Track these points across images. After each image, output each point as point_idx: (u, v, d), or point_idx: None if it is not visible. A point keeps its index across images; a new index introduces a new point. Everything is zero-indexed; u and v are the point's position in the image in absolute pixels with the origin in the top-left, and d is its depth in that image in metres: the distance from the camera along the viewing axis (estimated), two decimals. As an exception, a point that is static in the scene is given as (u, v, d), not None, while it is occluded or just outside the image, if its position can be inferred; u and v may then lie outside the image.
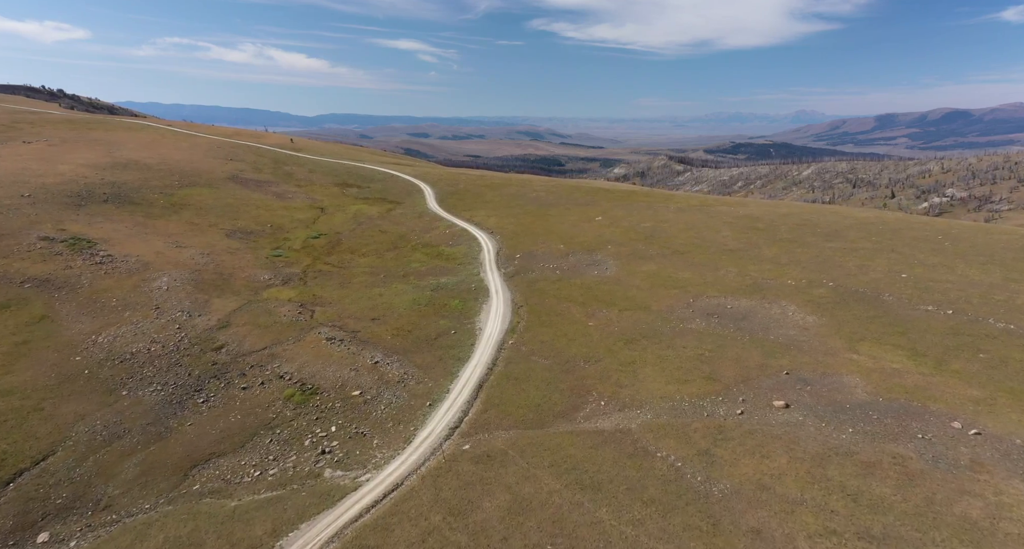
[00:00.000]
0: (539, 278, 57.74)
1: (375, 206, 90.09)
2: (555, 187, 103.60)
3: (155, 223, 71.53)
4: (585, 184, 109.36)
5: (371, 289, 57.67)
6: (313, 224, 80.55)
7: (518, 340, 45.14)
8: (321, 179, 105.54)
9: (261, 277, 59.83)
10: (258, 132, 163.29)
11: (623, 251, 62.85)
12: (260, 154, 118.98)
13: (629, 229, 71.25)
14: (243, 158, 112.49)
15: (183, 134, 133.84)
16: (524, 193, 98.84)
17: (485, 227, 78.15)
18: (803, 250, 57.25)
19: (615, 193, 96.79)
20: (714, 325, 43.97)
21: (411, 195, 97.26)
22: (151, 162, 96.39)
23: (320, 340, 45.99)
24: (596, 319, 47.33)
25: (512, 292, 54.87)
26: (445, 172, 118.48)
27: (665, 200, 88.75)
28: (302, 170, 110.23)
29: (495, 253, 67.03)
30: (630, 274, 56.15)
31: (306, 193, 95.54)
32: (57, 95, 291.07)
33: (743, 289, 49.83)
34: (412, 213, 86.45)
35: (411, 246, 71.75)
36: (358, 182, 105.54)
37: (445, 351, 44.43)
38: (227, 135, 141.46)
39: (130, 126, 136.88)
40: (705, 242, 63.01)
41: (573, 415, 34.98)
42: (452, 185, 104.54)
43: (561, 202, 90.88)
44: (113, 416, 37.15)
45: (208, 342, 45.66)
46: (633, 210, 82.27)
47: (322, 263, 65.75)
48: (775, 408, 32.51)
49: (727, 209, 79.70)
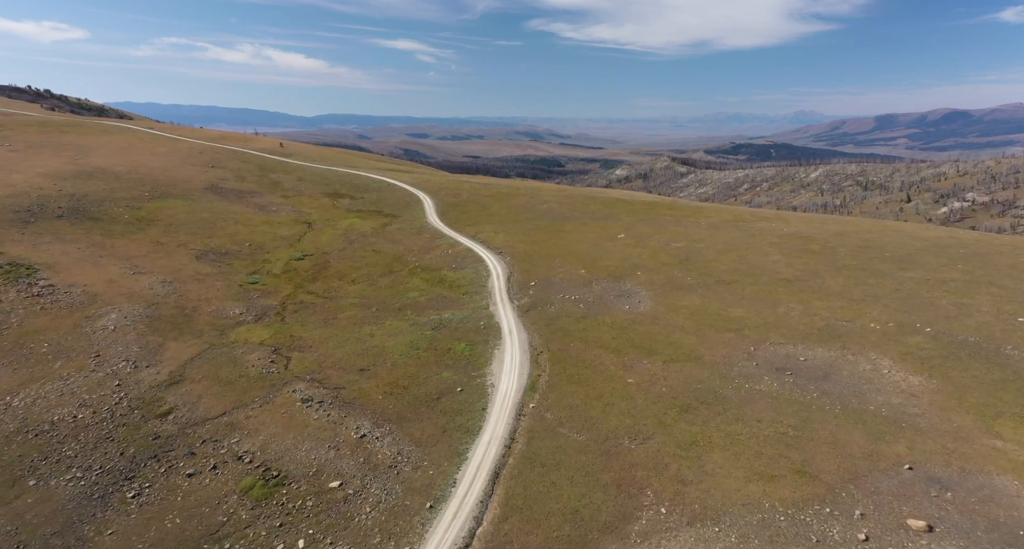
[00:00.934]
0: (560, 313, 48.57)
1: (369, 220, 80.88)
2: (568, 197, 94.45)
3: (115, 243, 62.30)
4: (600, 194, 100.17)
5: (361, 327, 48.48)
6: (298, 242, 71.33)
7: (541, 403, 36.01)
8: (310, 188, 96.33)
9: (231, 311, 50.61)
10: (247, 135, 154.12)
11: (657, 279, 53.69)
12: (245, 160, 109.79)
13: (659, 250, 62.09)
14: (226, 165, 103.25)
15: (164, 138, 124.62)
16: (534, 205, 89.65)
17: (492, 246, 68.96)
18: (877, 281, 48.11)
19: (635, 205, 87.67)
20: (789, 386, 34.82)
21: (409, 207, 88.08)
22: (121, 170, 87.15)
23: (294, 402, 36.82)
24: (636, 373, 38.18)
25: (529, 332, 45.71)
26: (446, 180, 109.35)
27: (693, 214, 79.63)
28: (290, 178, 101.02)
29: (505, 279, 57.88)
30: (670, 310, 46.98)
31: (293, 205, 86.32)
32: (44, 95, 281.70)
33: (814, 334, 40.68)
34: (410, 229, 77.25)
35: (409, 270, 62.56)
36: (351, 192, 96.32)
37: (450, 419, 35.26)
38: (212, 139, 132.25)
39: (108, 129, 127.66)
40: (753, 268, 53.86)
41: (624, 529, 25.85)
42: (454, 195, 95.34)
43: (576, 215, 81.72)
44: (9, 521, 27.96)
45: (152, 405, 36.45)
46: (660, 226, 73.11)
47: (305, 292, 56.54)
48: (913, 531, 23.36)
49: (768, 225, 70.56)
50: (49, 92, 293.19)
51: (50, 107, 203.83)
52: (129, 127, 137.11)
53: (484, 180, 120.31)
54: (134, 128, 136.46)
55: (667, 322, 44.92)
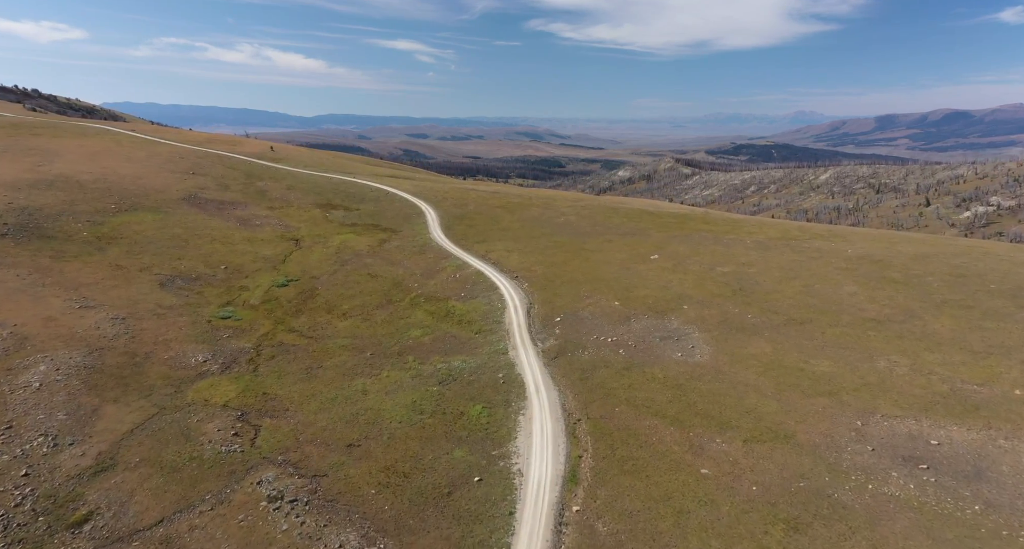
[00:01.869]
0: (596, 362, 39.36)
1: (365, 236, 71.61)
2: (587, 209, 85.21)
3: (64, 268, 53.07)
4: (623, 205, 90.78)
5: (351, 380, 39.25)
6: (283, 264, 62.11)
7: (588, 504, 26.81)
8: (301, 198, 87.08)
9: (192, 358, 41.38)
10: (236, 138, 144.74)
11: (709, 315, 44.45)
12: (231, 166, 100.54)
13: (704, 276, 52.89)
14: (208, 171, 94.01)
15: (144, 141, 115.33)
16: (549, 217, 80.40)
17: (506, 268, 59.76)
18: (998, 325, 38.76)
19: (664, 217, 78.40)
20: (932, 490, 25.59)
21: (410, 220, 78.81)
22: (87, 178, 77.89)
23: (258, 501, 27.61)
24: (710, 459, 28.96)
25: (560, 389, 36.52)
26: (450, 188, 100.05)
27: (732, 229, 70.35)
28: (278, 186, 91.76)
29: (525, 312, 48.67)
30: (735, 360, 37.75)
31: (279, 218, 77.08)
32: (31, 95, 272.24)
33: (940, 403, 31.44)
34: (411, 246, 67.98)
35: (410, 299, 53.31)
36: (346, 202, 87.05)
37: (466, 531, 26.03)
38: (198, 142, 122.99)
39: (84, 131, 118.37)
40: (828, 303, 44.60)
41: None
42: (460, 206, 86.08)
43: (599, 231, 72.50)
44: None
45: (66, 507, 27.23)
46: (697, 244, 63.88)
47: (286, 330, 47.31)
48: None
49: (826, 245, 61.17)
50: (37, 92, 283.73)
51: (32, 107, 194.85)
52: (109, 129, 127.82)
53: (492, 188, 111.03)
54: (114, 130, 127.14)
55: (734, 378, 35.68)
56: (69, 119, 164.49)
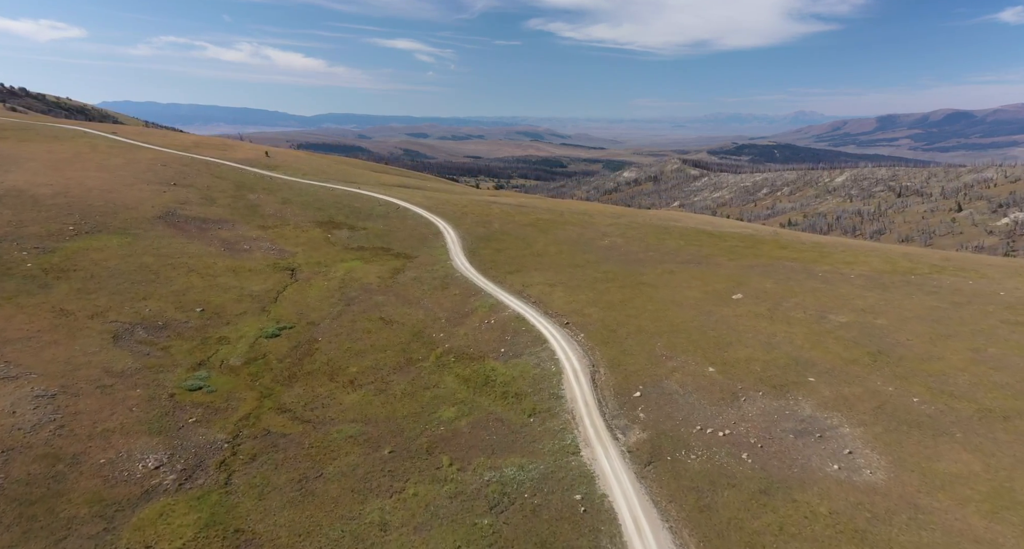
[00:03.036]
0: (712, 476, 27.50)
1: (375, 264, 59.71)
2: (633, 228, 73.25)
3: (-10, 316, 41.22)
4: (675, 223, 78.29)
5: (363, 503, 27.41)
6: (274, 303, 50.24)
7: None
8: (298, 215, 75.17)
9: (140, 463, 29.54)
10: (228, 142, 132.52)
11: (853, 396, 32.56)
12: (219, 175, 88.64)
13: (817, 329, 41.01)
14: (192, 182, 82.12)
15: (123, 146, 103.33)
16: (590, 238, 68.49)
17: (551, 309, 47.93)
18: None
19: (728, 239, 66.44)
20: None
21: (427, 243, 66.88)
22: (44, 192, 66.00)
23: None
24: None
25: (675, 532, 24.66)
26: (468, 201, 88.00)
27: (820, 256, 58.34)
28: (273, 200, 79.83)
29: (588, 379, 36.87)
30: (930, 484, 25.84)
31: (272, 240, 65.18)
32: (17, 94, 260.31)
33: None
34: (431, 278, 56.09)
35: (436, 358, 41.45)
36: (351, 219, 75.13)
37: None
38: (184, 147, 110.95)
39: (58, 134, 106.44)
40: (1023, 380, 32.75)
41: None
42: (483, 224, 74.10)
43: (655, 257, 60.61)
44: None
45: None
46: (786, 279, 51.96)
47: (274, 409, 35.45)
48: None
49: (961, 282, 48.96)
50: (24, 90, 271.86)
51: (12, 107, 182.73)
52: (86, 132, 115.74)
53: (516, 200, 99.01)
54: (92, 133, 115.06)
55: (948, 524, 23.75)
56: (47, 120, 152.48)
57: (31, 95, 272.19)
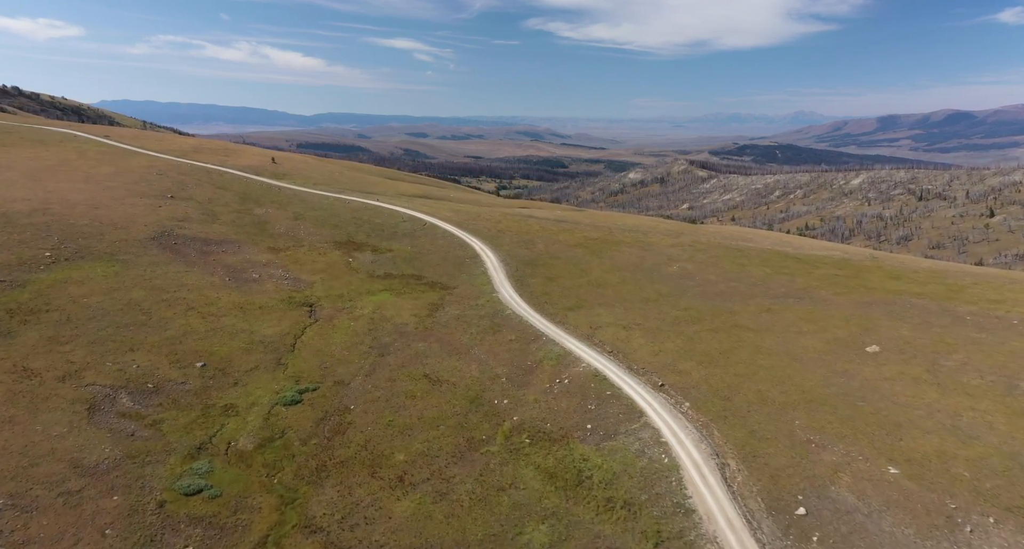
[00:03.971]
0: None
1: (408, 297, 50.34)
2: (701, 249, 63.71)
3: (-70, 384, 31.83)
4: (746, 241, 67.79)
5: None
6: (292, 352, 40.90)
7: None
8: (313, 233, 65.78)
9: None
10: (231, 146, 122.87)
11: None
12: (222, 186, 79.25)
13: (1014, 403, 31.70)
14: (192, 194, 72.75)
15: (115, 151, 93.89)
16: (655, 264, 59.05)
17: (635, 363, 38.60)
18: None
19: (820, 265, 57.03)
20: None
21: (464, 268, 57.50)
22: (19, 209, 56.61)
23: None
24: None
25: None
26: (501, 216, 78.28)
27: (949, 291, 48.66)
28: (284, 215, 70.42)
29: (720, 478, 27.55)
30: None
31: (286, 266, 55.83)
32: (10, 93, 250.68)
33: None
34: (477, 317, 46.72)
35: (504, 437, 32.14)
36: (373, 238, 65.72)
37: None
38: (182, 152, 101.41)
39: (44, 138, 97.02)
40: None
41: None
42: (524, 244, 64.61)
43: (741, 289, 51.22)
44: None
45: None
46: (926, 323, 42.53)
47: (300, 528, 26.10)
48: None
49: None
50: (18, 89, 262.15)
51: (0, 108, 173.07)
52: (75, 136, 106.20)
53: (553, 214, 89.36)
54: (81, 137, 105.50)
55: None
56: (37, 121, 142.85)
57: (24, 94, 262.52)
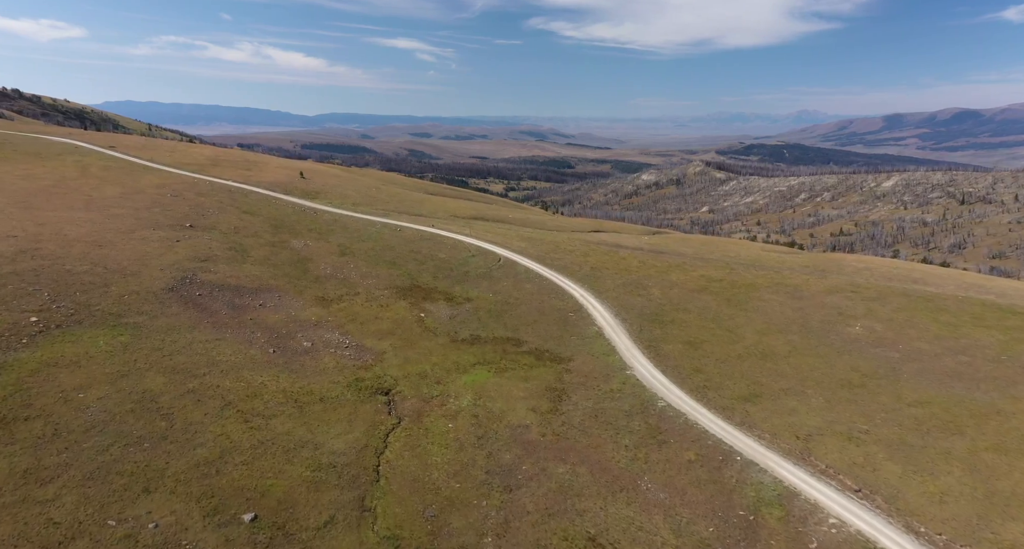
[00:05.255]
0: None
1: (514, 377, 37.51)
2: (865, 295, 50.06)
3: None
4: (924, 285, 52.45)
5: None
6: (376, 486, 28.10)
7: None
8: (367, 274, 53.01)
9: None
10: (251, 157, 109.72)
11: None
12: (248, 209, 66.60)
13: None
14: (215, 221, 60.17)
15: (122, 165, 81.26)
16: (824, 320, 45.89)
17: (914, 518, 25.78)
18: None
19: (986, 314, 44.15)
20: None
21: (570, 325, 44.58)
22: (2, 249, 43.99)
23: None
24: None
25: None
26: (582, 244, 64.96)
27: None
28: (326, 249, 57.69)
29: None
30: None
31: (342, 324, 43.10)
32: (9, 95, 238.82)
33: None
34: (624, 415, 33.85)
35: None
36: (441, 280, 52.94)
37: None
38: (198, 165, 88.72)
39: (41, 150, 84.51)
40: None
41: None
42: (633, 288, 51.61)
43: (983, 368, 38.33)
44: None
45: None
46: None
47: None
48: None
49: None
50: (18, 92, 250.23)
51: None
52: (78, 146, 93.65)
53: (639, 240, 75.70)
54: (84, 147, 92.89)
55: None
56: (36, 128, 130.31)
57: (25, 97, 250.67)
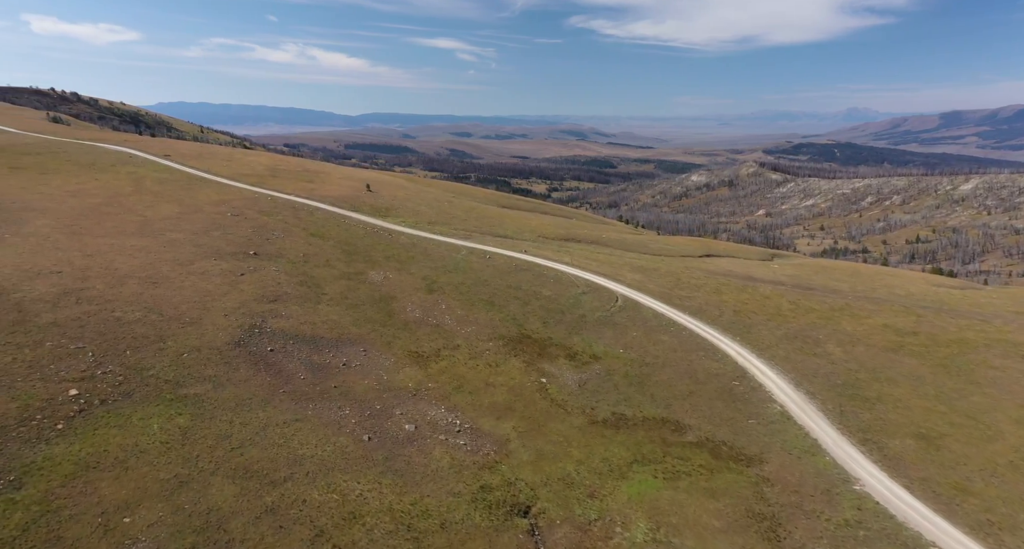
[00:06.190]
0: None
1: (696, 493, 27.48)
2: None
3: None
4: None
5: None
6: None
7: None
8: (463, 318, 43.93)
9: None
10: (313, 166, 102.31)
11: None
12: (316, 231, 58.55)
13: None
14: (280, 247, 52.14)
15: (178, 178, 74.66)
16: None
17: None
18: None
19: None
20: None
21: (739, 401, 34.25)
22: (44, 290, 36.46)
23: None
24: None
25: None
26: (705, 277, 54.34)
27: None
28: (411, 282, 48.89)
29: None
30: None
31: (447, 395, 33.98)
32: (68, 99, 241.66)
33: None
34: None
35: None
36: (553, 326, 43.46)
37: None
38: (257, 177, 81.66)
39: (95, 160, 78.78)
40: None
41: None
42: (798, 341, 41.11)
43: None
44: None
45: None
46: None
47: None
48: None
49: None
50: (76, 95, 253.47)
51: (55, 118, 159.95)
52: (132, 155, 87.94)
53: (769, 270, 64.33)
54: (139, 156, 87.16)
55: None
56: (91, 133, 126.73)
57: (83, 100, 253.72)
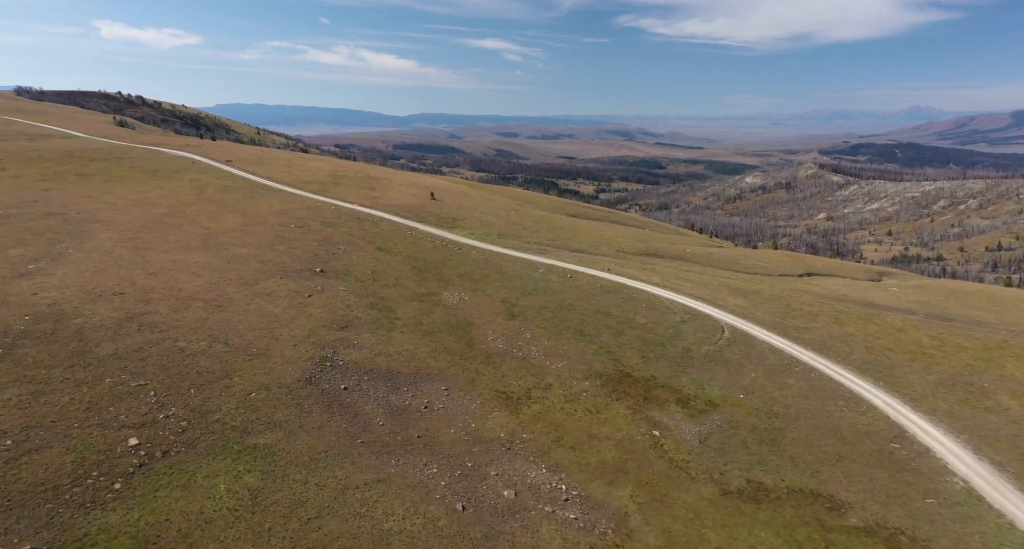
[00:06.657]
0: None
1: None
2: None
3: None
4: None
5: None
6: None
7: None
8: (552, 350, 38.94)
9: None
10: (375, 172, 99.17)
11: None
12: (383, 245, 54.72)
13: None
14: (347, 263, 48.42)
15: (240, 185, 72.43)
16: None
17: None
18: None
19: None
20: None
21: (903, 472, 27.49)
22: (105, 314, 33.39)
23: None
24: None
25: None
26: (816, 301, 47.11)
27: None
28: (489, 306, 44.26)
29: None
30: None
31: (547, 450, 28.95)
32: (133, 102, 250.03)
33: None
34: None
35: None
36: (655, 362, 37.97)
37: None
38: (319, 185, 78.79)
39: (157, 168, 77.71)
40: None
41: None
42: (962, 391, 34.30)
43: None
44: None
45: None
46: None
47: None
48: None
49: None
50: (141, 99, 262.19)
51: (121, 122, 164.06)
52: (195, 161, 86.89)
53: (889, 295, 56.35)
54: (201, 162, 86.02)
55: None
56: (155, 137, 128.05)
57: (147, 103, 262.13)
